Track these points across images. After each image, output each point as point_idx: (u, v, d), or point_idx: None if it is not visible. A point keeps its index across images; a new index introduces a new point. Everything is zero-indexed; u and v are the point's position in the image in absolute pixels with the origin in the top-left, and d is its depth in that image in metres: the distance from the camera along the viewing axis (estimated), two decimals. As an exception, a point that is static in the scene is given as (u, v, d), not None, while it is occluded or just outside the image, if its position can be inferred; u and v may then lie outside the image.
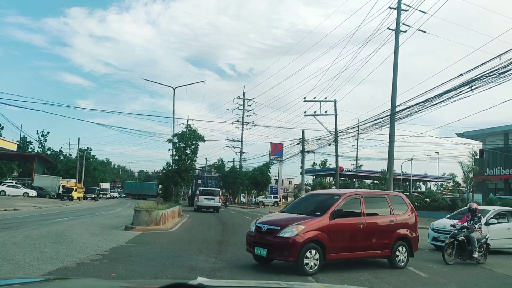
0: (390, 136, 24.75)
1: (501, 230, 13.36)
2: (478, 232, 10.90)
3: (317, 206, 9.20)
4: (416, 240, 9.94)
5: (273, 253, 8.36)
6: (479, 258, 10.74)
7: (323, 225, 8.37)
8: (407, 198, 10.65)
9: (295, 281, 7.40)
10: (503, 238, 13.33)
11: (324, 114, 35.78)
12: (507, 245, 13.63)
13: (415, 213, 10.22)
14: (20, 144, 56.04)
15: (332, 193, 10.19)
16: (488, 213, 13.49)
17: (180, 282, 1.64)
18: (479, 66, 16.86)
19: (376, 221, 9.32)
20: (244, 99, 55.10)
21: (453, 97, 18.91)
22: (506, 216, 14.10)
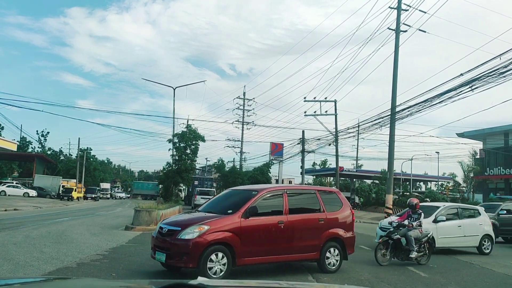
0: (390, 136, 24.73)
1: (451, 227, 12.52)
2: (417, 230, 10.12)
3: (231, 203, 8.17)
4: (351, 241, 8.92)
5: (172, 258, 7.19)
6: (419, 258, 10.07)
7: (234, 225, 7.35)
8: (342, 194, 9.57)
9: (295, 281, 7.40)
10: (453, 236, 12.50)
11: (324, 114, 35.80)
12: (458, 243, 12.80)
13: (351, 211, 9.27)
14: (20, 144, 56.04)
15: (251, 188, 9.09)
16: (437, 210, 12.63)
17: (180, 282, 1.64)
18: (479, 66, 16.86)
19: (301, 220, 8.28)
20: (244, 99, 55.06)
21: (453, 97, 18.90)
22: (458, 213, 13.18)
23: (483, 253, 12.81)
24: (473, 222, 13.10)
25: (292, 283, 3.66)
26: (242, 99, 55.15)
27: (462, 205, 15.33)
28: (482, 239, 13.02)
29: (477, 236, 12.95)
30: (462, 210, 13.47)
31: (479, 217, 13.48)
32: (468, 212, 13.69)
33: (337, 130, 35.50)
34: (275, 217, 7.94)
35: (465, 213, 13.45)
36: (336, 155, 36.93)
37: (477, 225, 13.12)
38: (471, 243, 12.98)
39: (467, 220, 13.04)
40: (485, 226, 13.29)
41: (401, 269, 9.48)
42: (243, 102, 55.17)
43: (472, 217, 13.33)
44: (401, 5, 24.86)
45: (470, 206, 15.31)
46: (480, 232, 13.05)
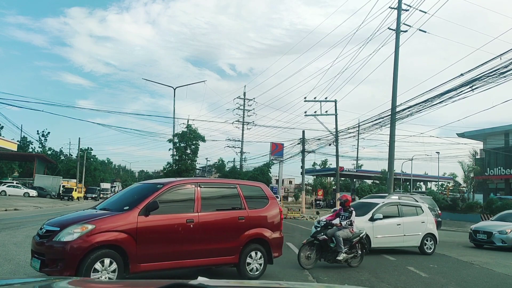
0: (390, 136, 24.73)
1: (389, 226, 11.68)
2: (347, 230, 9.25)
3: (131, 198, 6.98)
4: (278, 243, 7.92)
5: (47, 265, 5.81)
6: (350, 260, 9.21)
7: (128, 224, 6.14)
8: (270, 190, 8.58)
9: (295, 281, 7.40)
10: (391, 236, 11.65)
11: (324, 114, 35.83)
12: (396, 243, 11.89)
13: (279, 208, 8.26)
14: (21, 144, 56.07)
15: (157, 181, 7.79)
16: (375, 207, 11.79)
17: (180, 282, 1.64)
18: (479, 66, 16.87)
19: (217, 218, 7.26)
20: (245, 99, 55.07)
21: (454, 97, 18.91)
22: (398, 210, 12.28)
23: (425, 253, 12.03)
24: (414, 220, 12.28)
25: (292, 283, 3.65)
26: (243, 99, 55.15)
27: (403, 201, 14.20)
28: (424, 238, 12.19)
29: (418, 235, 12.12)
30: (403, 208, 12.47)
31: (422, 215, 12.64)
32: (409, 209, 12.68)
33: (337, 130, 35.50)
34: (184, 214, 6.82)
35: (407, 210, 12.48)
36: (336, 155, 36.94)
37: (419, 223, 12.33)
38: (412, 243, 12.17)
39: (408, 218, 12.16)
40: (428, 224, 12.48)
41: (401, 269, 9.48)
42: (243, 102, 55.16)
43: (414, 215, 12.47)
44: (401, 5, 24.86)
45: (413, 203, 14.08)
46: (422, 231, 12.22)
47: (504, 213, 17.52)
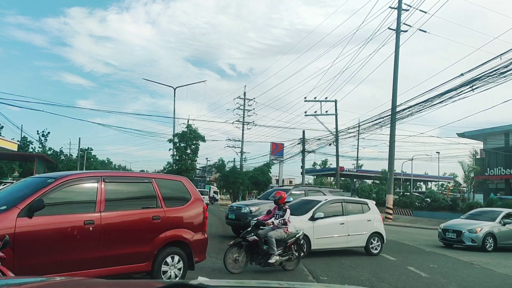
0: (390, 136, 24.75)
1: (332, 226, 10.70)
2: (281, 230, 8.38)
3: (14, 195, 5.78)
4: (201, 246, 6.88)
5: None
6: (284, 263, 8.35)
7: (3, 229, 4.89)
8: (193, 185, 7.44)
9: (295, 281, 7.40)
10: (333, 236, 10.72)
11: (324, 114, 35.87)
12: (340, 244, 10.95)
13: (204, 206, 7.18)
14: (21, 144, 56.13)
15: (49, 175, 6.39)
16: (316, 206, 10.83)
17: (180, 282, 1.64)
18: (479, 66, 16.90)
19: (124, 219, 6.12)
20: (245, 99, 55.08)
21: (454, 97, 18.95)
22: (342, 208, 11.28)
23: (371, 254, 11.20)
24: (359, 219, 11.40)
25: (292, 283, 3.66)
26: (243, 99, 55.14)
27: (348, 198, 13.32)
28: (371, 237, 11.33)
29: (363, 235, 11.26)
30: (348, 205, 11.53)
31: (368, 213, 11.69)
32: (355, 207, 11.76)
33: (337, 130, 35.52)
34: (81, 215, 5.69)
35: (352, 208, 11.56)
36: (336, 155, 36.96)
37: (365, 222, 11.43)
38: (357, 243, 11.26)
39: (353, 217, 11.26)
40: (374, 223, 11.57)
41: (401, 269, 9.47)
42: (243, 102, 55.17)
43: (359, 213, 11.56)
44: (402, 5, 24.88)
45: (358, 200, 13.33)
46: (368, 230, 11.35)
47: (475, 211, 17.15)
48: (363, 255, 11.27)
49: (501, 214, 14.73)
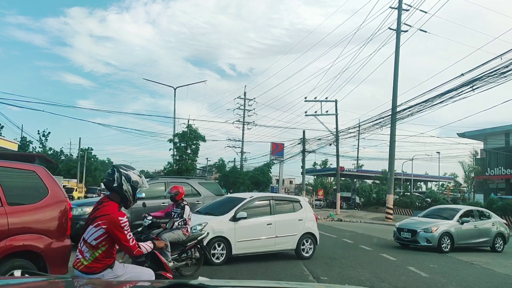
0: (391, 136, 24.75)
1: (257, 226, 9.50)
2: (179, 231, 7.24)
3: None
4: (60, 256, 5.14)
5: None
6: (182, 268, 7.31)
7: None
8: (53, 177, 5.56)
9: (295, 281, 7.40)
10: (260, 238, 9.45)
11: (325, 114, 35.88)
12: (267, 247, 9.61)
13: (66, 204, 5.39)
14: (21, 144, 56.14)
15: None
16: (240, 204, 9.44)
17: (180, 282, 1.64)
18: (480, 66, 16.90)
19: None
20: (245, 99, 55.09)
21: (454, 97, 18.95)
22: (270, 206, 9.98)
23: (303, 258, 9.97)
24: (290, 218, 10.10)
25: (292, 283, 3.66)
26: (243, 99, 55.15)
27: (277, 195, 11.97)
28: (302, 239, 10.09)
29: (294, 236, 9.97)
30: (276, 203, 10.13)
31: (300, 211, 10.39)
32: (284, 205, 10.45)
33: (337, 130, 35.53)
34: None
35: (281, 206, 10.24)
36: (336, 155, 36.96)
37: (296, 222, 10.13)
38: (286, 246, 9.96)
39: (282, 216, 9.96)
40: (306, 222, 10.29)
41: (401, 269, 9.47)
42: (243, 102, 55.18)
43: (290, 212, 10.25)
44: (402, 5, 24.87)
45: (289, 197, 12.09)
46: (299, 231, 10.08)
47: (434, 208, 16.27)
48: (364, 255, 11.26)
49: (459, 212, 13.82)
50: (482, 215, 14.60)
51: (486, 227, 14.05)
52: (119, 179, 3.42)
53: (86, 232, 3.35)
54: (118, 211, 3.40)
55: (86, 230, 3.37)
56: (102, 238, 3.30)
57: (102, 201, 3.51)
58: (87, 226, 3.40)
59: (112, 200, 3.47)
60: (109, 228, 3.28)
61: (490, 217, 14.58)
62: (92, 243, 3.30)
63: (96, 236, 3.30)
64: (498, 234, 14.13)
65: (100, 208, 3.40)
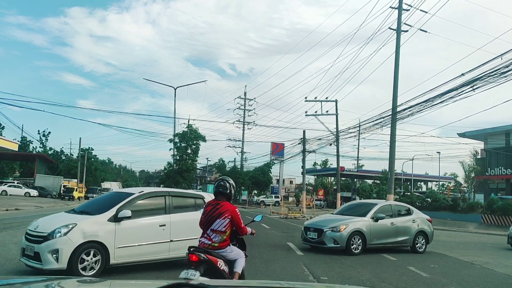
0: (391, 136, 24.72)
1: (146, 228, 7.75)
2: None
3: None
4: None
5: None
6: None
7: None
8: None
9: (296, 281, 7.40)
10: (150, 243, 7.67)
11: (325, 114, 35.87)
12: (158, 254, 7.82)
13: None
14: (21, 144, 56.14)
15: None
16: (125, 200, 7.61)
17: (180, 282, 1.64)
18: (480, 66, 16.87)
19: None
20: (245, 99, 55.11)
21: (455, 96, 18.92)
22: (165, 203, 8.18)
23: None
24: (190, 218, 7.97)
25: (292, 283, 3.65)
26: (243, 99, 55.17)
27: (175, 191, 9.90)
28: None
29: (196, 240, 7.59)
30: (173, 200, 8.32)
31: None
32: (184, 202, 8.70)
33: (338, 130, 35.51)
34: None
35: (179, 204, 8.50)
36: (337, 155, 36.95)
37: (196, 222, 7.46)
38: (182, 252, 7.08)
39: (181, 216, 8.22)
40: None
41: (402, 269, 9.46)
42: (244, 102, 55.18)
43: (191, 211, 8.34)
44: (402, 5, 24.85)
45: (190, 193, 9.66)
46: None
47: (349, 204, 14.79)
48: (364, 255, 11.25)
49: (374, 208, 12.08)
50: (402, 211, 12.89)
51: (406, 224, 12.42)
52: (230, 187, 4.96)
53: (215, 224, 4.75)
54: None
55: (214, 223, 4.75)
56: (228, 225, 4.76)
57: (217, 203, 4.88)
58: (213, 220, 4.76)
59: (223, 200, 4.91)
60: (232, 218, 4.78)
61: (411, 213, 12.94)
62: (221, 230, 4.74)
63: (225, 224, 4.74)
64: (419, 232, 12.55)
65: (220, 208, 4.81)
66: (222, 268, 4.59)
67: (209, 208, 4.87)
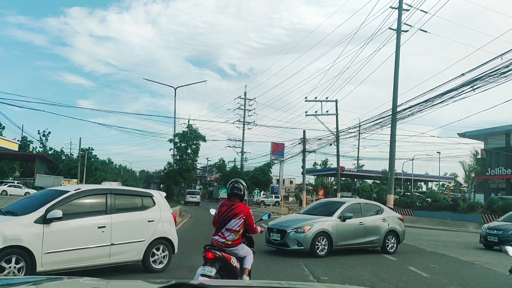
0: (391, 136, 24.73)
1: (82, 231, 6.92)
2: None
3: None
4: None
5: None
6: None
7: None
8: None
9: (296, 281, 7.40)
10: (87, 247, 6.86)
11: (325, 114, 35.89)
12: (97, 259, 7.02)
13: None
14: (21, 144, 56.14)
15: None
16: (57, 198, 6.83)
17: (181, 281, 1.63)
18: (480, 66, 16.88)
19: None
20: (245, 99, 55.11)
21: (455, 96, 18.93)
22: (106, 203, 7.29)
23: (153, 271, 7.66)
24: (134, 219, 7.61)
25: (293, 283, 3.65)
26: (243, 99, 55.18)
27: (119, 188, 9.02)
28: (153, 246, 7.73)
29: (140, 243, 7.54)
30: (116, 199, 7.45)
31: (151, 210, 7.93)
32: (129, 201, 7.89)
33: (338, 130, 35.52)
34: None
35: (123, 203, 7.64)
36: (337, 155, 36.96)
37: (143, 224, 7.67)
38: (127, 256, 7.41)
39: (124, 216, 7.44)
40: (159, 225, 7.85)
41: (402, 269, 9.46)
42: (244, 102, 55.18)
43: (137, 210, 7.77)
44: (402, 5, 24.85)
45: (136, 190, 8.75)
46: (148, 236, 7.66)
47: (317, 203, 13.92)
48: (364, 255, 11.24)
49: (342, 207, 11.42)
50: (372, 210, 12.21)
51: (375, 224, 11.77)
52: (243, 189, 5.30)
53: (230, 224, 5.05)
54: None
55: (229, 223, 5.04)
56: (242, 225, 5.08)
57: (232, 204, 5.17)
58: (229, 220, 5.05)
59: (236, 201, 5.21)
60: (247, 218, 5.09)
61: (382, 212, 12.30)
62: (236, 229, 5.05)
63: (239, 224, 5.06)
64: (390, 231, 11.95)
65: (235, 208, 5.11)
66: (234, 264, 4.95)
67: (224, 209, 5.16)
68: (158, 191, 9.10)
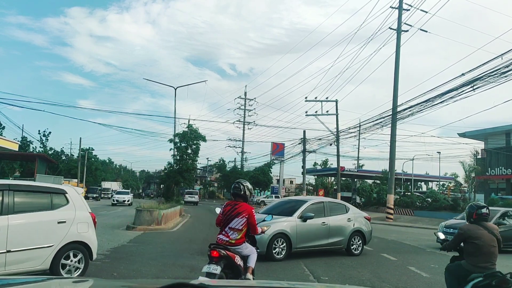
0: (391, 136, 24.74)
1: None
2: None
3: None
4: None
5: None
6: None
7: None
8: None
9: (296, 281, 7.40)
10: None
11: (325, 114, 35.90)
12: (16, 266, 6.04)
13: None
14: (22, 144, 56.18)
15: None
16: None
17: (181, 281, 1.63)
18: (480, 66, 16.89)
19: None
20: (245, 99, 55.13)
21: (455, 96, 18.94)
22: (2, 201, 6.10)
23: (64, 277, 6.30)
24: (41, 220, 6.44)
25: (293, 283, 3.65)
26: (243, 99, 55.20)
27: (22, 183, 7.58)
28: (64, 252, 6.55)
29: (45, 249, 6.36)
30: (17, 196, 6.30)
31: (63, 209, 6.75)
32: (35, 200, 6.68)
33: (338, 130, 35.53)
34: None
35: (27, 202, 6.51)
36: (337, 155, 36.96)
37: (53, 226, 6.49)
38: (32, 265, 6.24)
39: (27, 217, 6.35)
40: (73, 226, 6.70)
41: (402, 269, 9.46)
42: (244, 102, 55.20)
43: (44, 209, 6.57)
44: (402, 5, 24.86)
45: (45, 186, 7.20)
46: (58, 239, 6.47)
47: (280, 201, 13.69)
48: (364, 255, 11.24)
49: (303, 206, 10.66)
50: (336, 209, 11.40)
51: (340, 223, 11.01)
52: (244, 189, 5.44)
53: (233, 223, 5.25)
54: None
55: (233, 221, 5.25)
56: (245, 224, 5.26)
57: (235, 203, 5.39)
58: (232, 219, 5.26)
59: (240, 201, 5.41)
60: (249, 217, 5.27)
61: (347, 211, 11.52)
62: (239, 228, 5.24)
63: (242, 223, 5.25)
64: (355, 232, 11.21)
65: (238, 208, 5.31)
66: (238, 263, 5.13)
67: (227, 208, 5.37)
68: (74, 187, 7.69)
